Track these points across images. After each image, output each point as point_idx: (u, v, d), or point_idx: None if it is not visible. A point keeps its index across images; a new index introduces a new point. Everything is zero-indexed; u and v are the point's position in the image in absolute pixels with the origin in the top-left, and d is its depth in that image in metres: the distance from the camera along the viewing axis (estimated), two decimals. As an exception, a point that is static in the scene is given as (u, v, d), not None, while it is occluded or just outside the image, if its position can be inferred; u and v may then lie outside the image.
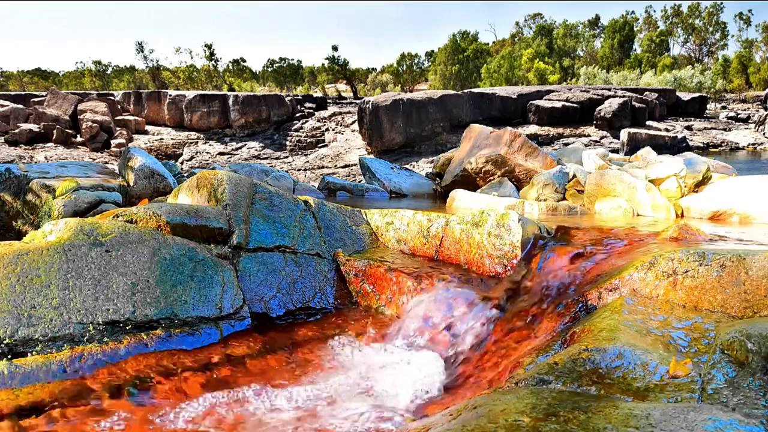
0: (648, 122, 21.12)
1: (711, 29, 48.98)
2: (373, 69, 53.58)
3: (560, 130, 20.26)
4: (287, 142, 21.70)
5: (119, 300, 2.31)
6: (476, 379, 2.17)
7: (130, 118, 22.18)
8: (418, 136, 19.68)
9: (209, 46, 42.42)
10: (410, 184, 5.90)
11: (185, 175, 5.41)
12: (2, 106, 20.17)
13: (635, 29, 48.73)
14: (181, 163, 19.70)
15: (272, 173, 5.53)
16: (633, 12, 59.41)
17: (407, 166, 9.56)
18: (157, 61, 42.23)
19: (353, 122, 22.22)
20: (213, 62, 42.81)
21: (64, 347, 2.10)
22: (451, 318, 2.56)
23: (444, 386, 2.18)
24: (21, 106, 20.69)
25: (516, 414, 1.35)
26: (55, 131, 18.84)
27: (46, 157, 17.25)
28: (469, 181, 5.28)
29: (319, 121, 23.18)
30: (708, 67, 44.08)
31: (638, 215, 3.83)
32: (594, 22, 52.44)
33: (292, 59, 49.36)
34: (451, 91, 23.47)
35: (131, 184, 4.32)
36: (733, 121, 23.93)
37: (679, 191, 4.02)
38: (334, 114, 23.76)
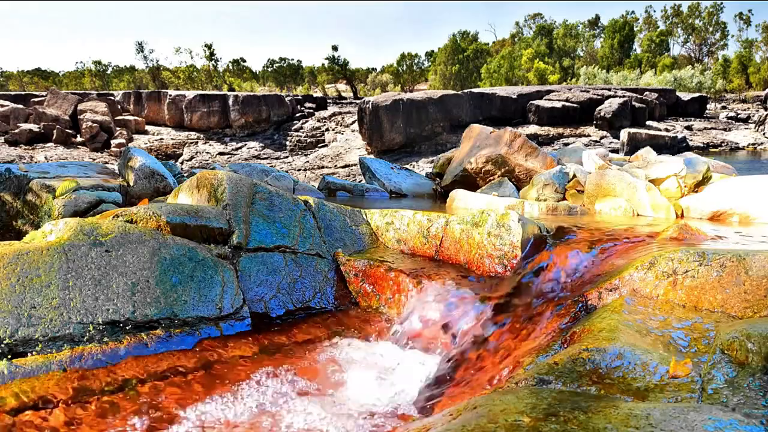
0: (648, 122, 21.13)
1: (711, 29, 49.00)
2: (373, 69, 53.59)
3: (560, 130, 20.26)
4: (287, 142, 21.70)
5: (119, 300, 2.31)
6: (476, 379, 2.16)
7: (130, 118, 22.17)
8: (418, 136, 19.68)
9: (209, 46, 42.44)
10: (410, 184, 5.90)
11: (185, 175, 5.40)
12: (2, 106, 20.17)
13: (635, 29, 48.76)
14: (181, 163, 19.70)
15: (272, 173, 5.53)
16: (633, 12, 59.46)
17: (407, 166, 9.56)
18: (157, 61, 42.28)
19: (353, 122, 22.22)
20: (213, 62, 42.83)
21: (64, 347, 2.10)
22: (451, 318, 2.56)
23: (444, 386, 2.18)
24: (21, 106, 20.69)
25: (516, 414, 1.35)
26: (55, 131, 18.84)
27: (46, 157, 17.25)
28: (469, 181, 5.28)
29: (319, 121, 23.18)
30: (708, 67, 44.10)
31: (638, 215, 3.83)
32: (594, 22, 52.45)
33: (292, 59, 49.41)
34: (451, 91, 23.47)
35: (131, 184, 4.32)
36: (733, 121, 23.93)
37: (679, 191, 4.02)
38: (334, 114, 23.76)
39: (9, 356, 2.00)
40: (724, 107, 28.61)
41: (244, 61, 46.55)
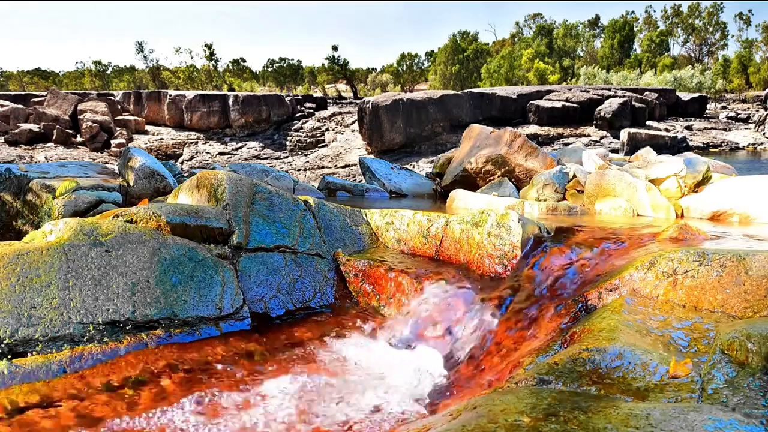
0: (648, 122, 21.12)
1: (711, 29, 49.03)
2: (373, 69, 53.61)
3: (560, 130, 20.26)
4: (287, 142, 21.70)
5: (119, 300, 2.31)
6: (476, 379, 2.17)
7: (130, 118, 22.17)
8: (418, 136, 19.68)
9: (209, 46, 42.45)
10: (410, 184, 5.89)
11: (185, 175, 5.40)
12: (2, 106, 20.17)
13: (635, 29, 48.79)
14: (181, 163, 19.70)
15: (272, 173, 5.53)
16: (633, 12, 59.48)
17: (407, 166, 9.56)
18: (157, 61, 42.30)
19: (353, 122, 22.22)
20: (213, 62, 42.84)
21: (64, 347, 2.10)
22: (451, 318, 2.56)
23: (444, 386, 2.18)
24: (21, 106, 20.68)
25: (516, 414, 1.35)
26: (55, 131, 18.84)
27: (46, 157, 17.25)
28: (469, 181, 5.28)
29: (319, 121, 23.17)
30: (708, 67, 44.12)
31: (638, 215, 3.83)
32: (594, 22, 52.47)
33: (292, 59, 49.39)
34: (451, 91, 23.47)
35: (131, 184, 4.32)
36: (733, 121, 23.93)
37: (679, 191, 4.02)
38: (334, 114, 23.76)
39: (9, 356, 2.00)
40: (724, 107, 28.60)
41: (244, 61, 46.58)
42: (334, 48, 41.02)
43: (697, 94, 25.77)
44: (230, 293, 2.63)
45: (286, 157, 20.69)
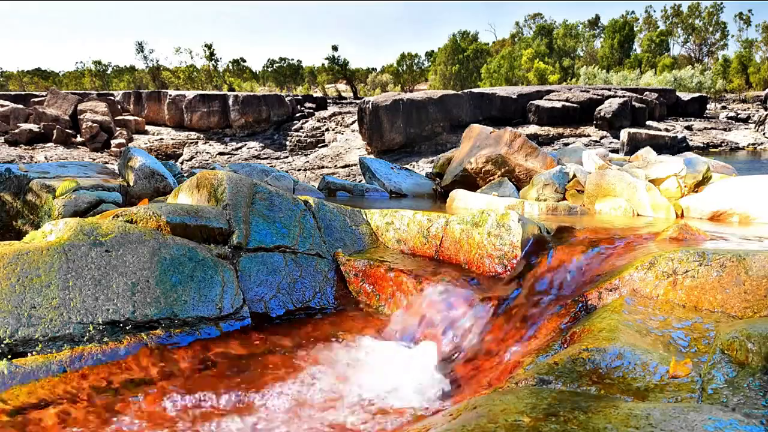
0: (648, 122, 21.12)
1: (711, 29, 49.05)
2: (373, 69, 53.61)
3: (560, 130, 20.26)
4: (287, 142, 21.70)
5: (119, 300, 2.31)
6: (476, 379, 2.17)
7: (130, 118, 22.17)
8: (418, 136, 19.67)
9: (209, 46, 42.47)
10: (410, 184, 5.89)
11: (185, 175, 5.40)
12: (2, 106, 20.17)
13: (635, 29, 48.80)
14: (181, 163, 19.69)
15: (272, 173, 5.53)
16: (633, 12, 59.49)
17: (407, 166, 9.56)
18: (157, 61, 42.31)
19: (353, 122, 22.22)
20: (213, 62, 42.86)
21: (64, 347, 2.10)
22: (451, 318, 2.56)
23: (444, 386, 2.18)
24: (21, 106, 20.68)
25: (516, 414, 1.35)
26: (55, 131, 18.84)
27: (46, 157, 17.25)
28: (469, 181, 5.28)
29: (319, 121, 23.17)
30: (708, 67, 44.13)
31: (638, 215, 3.83)
32: (594, 22, 52.49)
33: (292, 59, 49.40)
34: (451, 91, 23.47)
35: (131, 184, 4.32)
36: (733, 121, 23.92)
37: (679, 191, 4.02)
38: (334, 114, 23.76)
39: (9, 356, 2.00)
40: (724, 107, 28.60)
41: (244, 61, 46.58)
42: (334, 48, 41.05)
43: (697, 94, 25.77)
44: (230, 293, 2.63)
45: (286, 157, 20.69)
